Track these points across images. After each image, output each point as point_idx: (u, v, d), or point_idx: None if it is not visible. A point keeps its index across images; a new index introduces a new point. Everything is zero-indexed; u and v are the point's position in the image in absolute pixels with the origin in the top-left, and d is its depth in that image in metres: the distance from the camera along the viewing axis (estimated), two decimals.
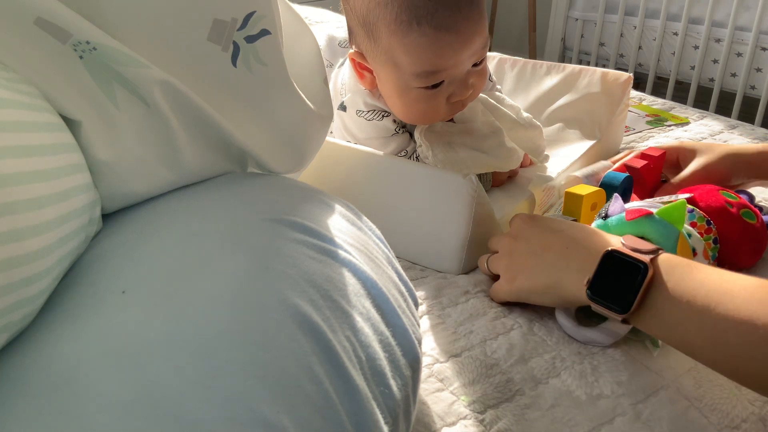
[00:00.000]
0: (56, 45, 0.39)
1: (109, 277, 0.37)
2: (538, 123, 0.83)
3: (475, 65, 0.72)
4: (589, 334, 0.57)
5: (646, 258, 0.49)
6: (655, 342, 0.57)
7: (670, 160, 0.80)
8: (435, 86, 0.71)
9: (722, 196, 0.66)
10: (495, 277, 0.65)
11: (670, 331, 0.48)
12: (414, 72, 0.69)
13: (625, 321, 0.51)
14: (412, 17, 0.66)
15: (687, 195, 0.67)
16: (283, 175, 0.53)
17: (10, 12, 0.38)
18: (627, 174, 0.73)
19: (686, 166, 0.77)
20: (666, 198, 0.67)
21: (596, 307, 0.52)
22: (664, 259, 0.50)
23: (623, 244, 0.53)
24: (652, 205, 0.61)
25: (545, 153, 0.86)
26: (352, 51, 0.75)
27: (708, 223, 0.63)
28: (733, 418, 0.50)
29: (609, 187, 0.72)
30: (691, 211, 0.64)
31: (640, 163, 0.76)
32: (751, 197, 0.75)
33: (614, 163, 0.83)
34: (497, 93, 0.86)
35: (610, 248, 0.52)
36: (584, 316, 0.61)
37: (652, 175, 0.78)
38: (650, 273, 0.48)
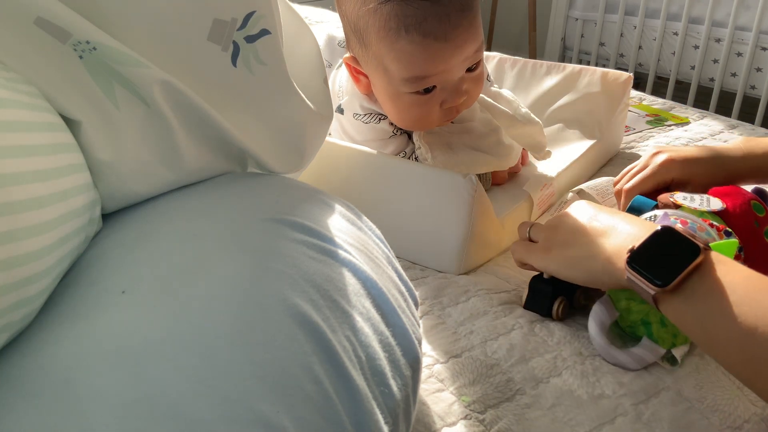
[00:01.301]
0: (56, 45, 0.39)
1: (108, 277, 0.37)
2: (537, 119, 0.82)
3: (469, 70, 0.71)
4: (618, 356, 0.55)
5: (701, 243, 0.48)
6: (672, 360, 0.55)
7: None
8: (427, 92, 0.70)
9: (752, 211, 0.64)
10: (528, 266, 0.63)
11: (699, 323, 0.46)
12: (403, 78, 0.69)
13: (654, 300, 0.48)
14: (400, 25, 0.66)
15: (721, 206, 0.64)
16: (283, 175, 0.53)
17: (10, 12, 0.38)
18: (655, 201, 0.70)
19: (682, 185, 0.73)
20: (698, 201, 0.64)
21: (630, 277, 0.49)
22: (714, 254, 0.49)
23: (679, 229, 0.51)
24: (695, 221, 0.59)
25: (547, 149, 0.84)
26: (347, 56, 0.75)
27: (740, 250, 0.62)
28: (735, 418, 0.50)
29: (638, 213, 0.68)
30: (729, 235, 0.61)
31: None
32: None
33: (615, 184, 0.78)
34: (494, 88, 0.85)
35: (665, 226, 0.50)
36: (617, 337, 0.58)
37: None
38: (701, 257, 0.47)
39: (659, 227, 0.50)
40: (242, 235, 0.40)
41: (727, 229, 0.62)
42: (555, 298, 0.62)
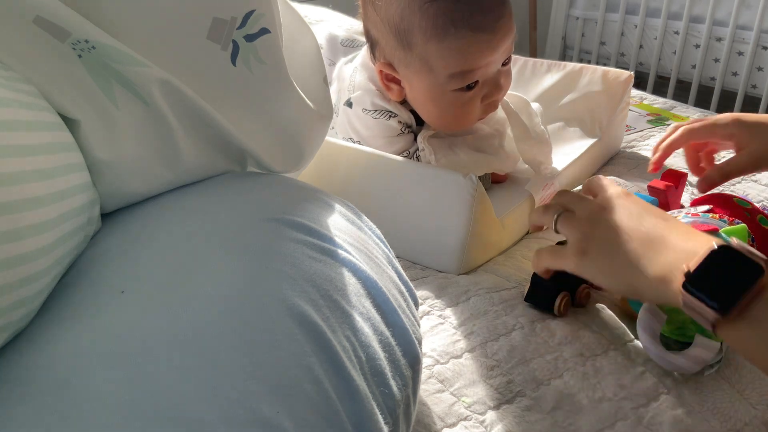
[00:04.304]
0: (55, 44, 0.39)
1: (108, 276, 0.37)
2: (549, 140, 0.82)
3: (504, 64, 0.74)
4: (676, 361, 0.53)
5: (761, 261, 0.42)
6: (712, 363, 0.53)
7: (721, 136, 0.73)
8: (469, 88, 0.72)
9: (738, 205, 0.66)
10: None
11: (766, 348, 0.41)
12: (450, 74, 0.70)
13: (713, 326, 0.43)
14: (448, 21, 0.67)
15: (706, 207, 0.65)
16: (282, 175, 0.53)
17: (9, 10, 0.38)
18: (653, 198, 0.71)
19: (742, 147, 0.71)
20: (702, 207, 0.65)
21: (688, 302, 0.44)
22: None
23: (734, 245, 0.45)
24: (707, 221, 0.60)
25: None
26: (379, 62, 0.75)
27: (753, 240, 0.63)
28: (736, 421, 0.50)
29: None
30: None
31: (663, 185, 0.74)
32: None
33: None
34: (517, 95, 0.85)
35: (720, 243, 0.45)
36: (668, 342, 0.56)
37: (675, 197, 0.76)
38: (765, 278, 0.41)
39: (715, 245, 0.44)
40: (242, 234, 0.40)
41: (736, 219, 0.63)
42: (557, 293, 0.61)
